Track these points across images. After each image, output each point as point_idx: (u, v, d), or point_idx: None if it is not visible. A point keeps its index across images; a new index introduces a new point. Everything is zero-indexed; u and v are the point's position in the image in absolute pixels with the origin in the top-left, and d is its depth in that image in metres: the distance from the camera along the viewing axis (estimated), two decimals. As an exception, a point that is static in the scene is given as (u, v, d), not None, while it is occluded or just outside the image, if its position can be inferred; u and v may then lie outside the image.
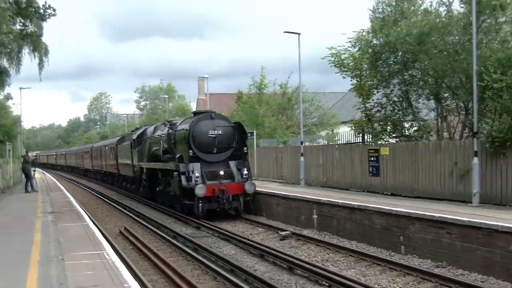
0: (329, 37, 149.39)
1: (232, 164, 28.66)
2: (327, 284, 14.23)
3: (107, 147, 55.65)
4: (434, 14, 24.86)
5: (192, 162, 27.61)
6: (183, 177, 27.13)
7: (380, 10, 27.09)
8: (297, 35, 33.45)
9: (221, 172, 27.92)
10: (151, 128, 38.88)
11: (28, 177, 39.47)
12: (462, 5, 23.40)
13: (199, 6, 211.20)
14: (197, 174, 27.06)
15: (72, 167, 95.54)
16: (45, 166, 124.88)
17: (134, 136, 40.61)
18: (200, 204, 26.41)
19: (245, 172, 28.36)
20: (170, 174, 29.43)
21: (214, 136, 28.42)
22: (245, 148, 29.51)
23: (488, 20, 22.75)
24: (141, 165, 37.50)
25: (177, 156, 28.58)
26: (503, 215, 16.46)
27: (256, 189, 28.25)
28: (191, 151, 27.82)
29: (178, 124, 32.05)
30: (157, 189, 34.07)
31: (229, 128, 29.32)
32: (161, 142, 32.83)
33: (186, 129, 28.55)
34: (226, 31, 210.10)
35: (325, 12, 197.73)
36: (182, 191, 27.43)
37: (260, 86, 50.63)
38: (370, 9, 27.43)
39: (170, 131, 31.67)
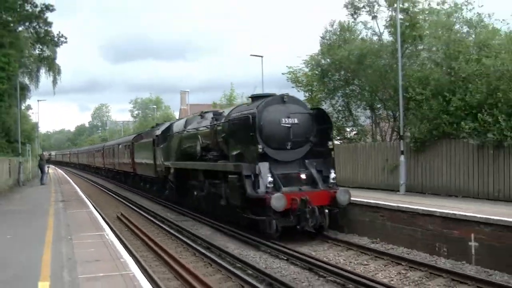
0: (285, 57, 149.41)
1: (310, 164, 17.55)
2: (285, 258, 14.17)
3: (120, 146, 45.02)
4: (369, 41, 25.27)
5: (258, 161, 16.62)
6: (247, 182, 16.30)
7: (327, 37, 27.52)
8: (261, 57, 33.65)
9: (303, 176, 17.16)
10: (180, 122, 27.55)
11: (42, 172, 40.05)
12: (390, 36, 23.87)
13: (182, 34, 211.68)
14: (269, 178, 16.30)
15: (84, 165, 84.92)
16: (60, 164, 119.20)
17: (158, 132, 29.76)
18: (274, 221, 15.89)
19: (332, 175, 17.26)
20: (221, 177, 18.90)
21: (288, 126, 17.28)
22: (329, 143, 17.86)
23: (410, 48, 23.28)
24: (168, 165, 26.55)
25: (234, 153, 18.13)
26: (423, 201, 16.69)
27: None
28: (259, 147, 16.75)
29: (229, 112, 20.20)
30: (195, 194, 22.68)
31: (306, 115, 17.88)
32: (199, 136, 22.02)
33: (250, 117, 17.01)
34: (203, 53, 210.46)
35: (285, 38, 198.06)
36: (245, 201, 16.68)
37: (230, 98, 50.74)
38: (320, 36, 27.91)
39: (216, 122, 20.57)
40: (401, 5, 22.21)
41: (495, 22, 21.45)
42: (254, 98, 19.64)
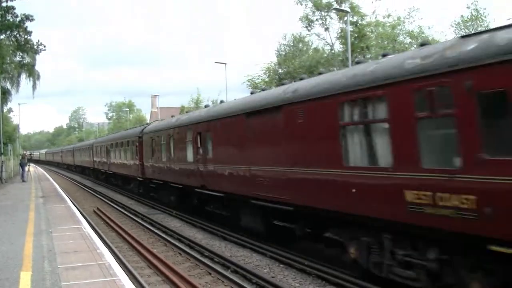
0: (247, 65, 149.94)
1: None
2: (250, 248, 14.10)
3: (231, 118, 14.22)
4: (321, 51, 25.59)
5: None
6: None
7: (282, 49, 27.88)
8: (224, 64, 33.47)
9: None
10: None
11: (23, 170, 40.25)
12: (341, 46, 24.18)
13: (153, 44, 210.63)
14: None
15: (83, 167, 53.67)
16: (50, 164, 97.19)
17: None
18: None
19: None
20: None
21: None
22: None
23: (359, 57, 23.48)
24: None
25: None
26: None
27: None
28: None
29: None
30: None
31: None
32: None
33: None
34: (173, 61, 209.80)
35: (248, 45, 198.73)
36: None
37: (197, 101, 50.77)
38: (276, 50, 28.39)
39: None
40: (351, 18, 22.45)
41: (435, 34, 21.96)
42: None
